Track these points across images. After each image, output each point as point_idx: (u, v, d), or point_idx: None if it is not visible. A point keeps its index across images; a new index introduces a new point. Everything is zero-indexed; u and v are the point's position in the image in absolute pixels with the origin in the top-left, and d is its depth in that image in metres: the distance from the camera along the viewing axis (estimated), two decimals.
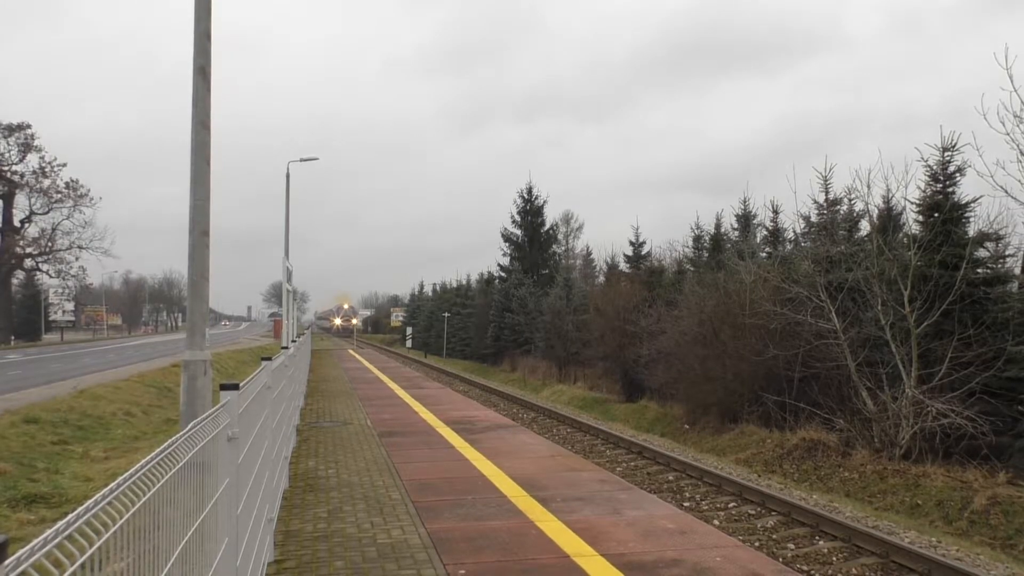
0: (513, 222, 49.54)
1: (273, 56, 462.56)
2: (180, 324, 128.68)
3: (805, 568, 8.71)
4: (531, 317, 39.54)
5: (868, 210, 18.42)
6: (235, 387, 3.68)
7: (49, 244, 70.67)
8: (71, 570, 1.44)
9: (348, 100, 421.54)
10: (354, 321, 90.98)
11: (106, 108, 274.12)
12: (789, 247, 23.49)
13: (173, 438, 2.49)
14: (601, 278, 44.58)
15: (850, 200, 19.55)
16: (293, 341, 16.40)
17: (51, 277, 74.79)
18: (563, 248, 61.03)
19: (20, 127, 66.31)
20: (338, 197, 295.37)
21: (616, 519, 6.96)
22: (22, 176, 67.59)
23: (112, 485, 1.80)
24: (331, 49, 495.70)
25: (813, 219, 20.86)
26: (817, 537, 9.79)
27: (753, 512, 11.03)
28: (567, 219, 67.37)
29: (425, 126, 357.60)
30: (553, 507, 7.38)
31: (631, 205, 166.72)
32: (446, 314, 54.42)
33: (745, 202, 27.80)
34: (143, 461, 2.10)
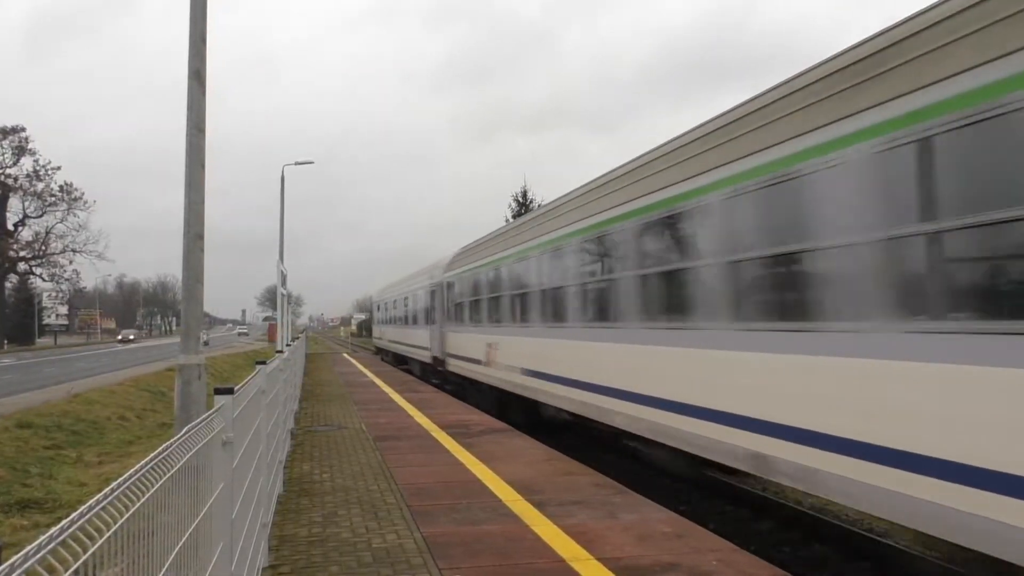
0: (507, 224, 49.66)
1: (292, 71, 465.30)
2: (174, 328, 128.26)
3: (801, 571, 8.70)
4: None
5: None
6: (230, 391, 3.67)
7: (43, 247, 70.57)
8: None
9: (364, 113, 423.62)
10: None
11: (142, 117, 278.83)
12: None
13: (167, 443, 2.48)
14: None
15: None
16: (288, 345, 16.37)
17: (44, 281, 74.79)
18: None
19: (14, 130, 66.26)
20: (348, 204, 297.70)
21: (612, 523, 6.95)
22: (16, 179, 67.50)
23: (106, 490, 1.79)
24: (350, 66, 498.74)
25: None
26: (813, 540, 9.79)
27: (749, 515, 11.03)
28: None
29: (436, 136, 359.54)
30: (549, 511, 7.37)
31: None
32: None
33: None
34: (137, 466, 2.09)
